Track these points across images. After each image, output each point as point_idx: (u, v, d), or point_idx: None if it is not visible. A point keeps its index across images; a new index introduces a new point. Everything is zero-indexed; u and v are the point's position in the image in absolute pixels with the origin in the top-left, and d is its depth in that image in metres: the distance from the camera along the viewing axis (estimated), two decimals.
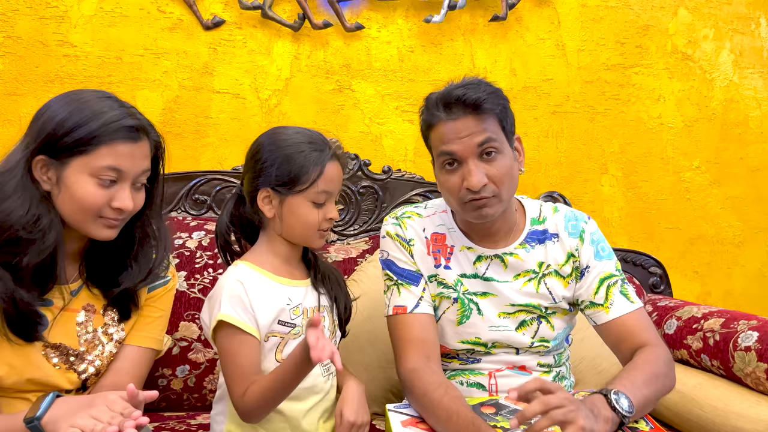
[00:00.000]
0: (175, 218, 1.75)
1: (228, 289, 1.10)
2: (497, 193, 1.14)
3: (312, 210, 1.12)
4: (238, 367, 1.08)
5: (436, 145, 1.17)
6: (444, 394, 1.05)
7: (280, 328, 1.12)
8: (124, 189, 0.99)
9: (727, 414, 1.34)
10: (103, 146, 0.97)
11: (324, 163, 1.12)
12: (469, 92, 1.13)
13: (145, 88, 1.99)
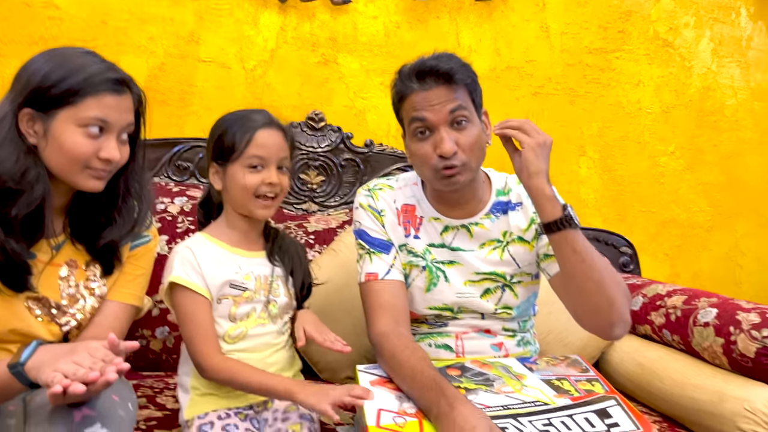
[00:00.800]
0: (158, 183, 1.77)
1: (179, 255, 1.19)
2: (466, 161, 1.19)
3: (248, 175, 1.18)
4: (197, 326, 1.15)
5: (407, 114, 1.21)
6: (411, 355, 1.10)
7: (232, 290, 1.19)
8: (111, 140, 1.01)
9: (684, 385, 1.41)
10: (89, 97, 0.99)
11: (254, 130, 1.18)
12: (441, 63, 1.17)
13: (129, 53, 1.99)
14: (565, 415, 1.02)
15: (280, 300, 1.23)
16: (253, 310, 1.20)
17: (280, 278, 1.25)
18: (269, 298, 1.21)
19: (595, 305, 1.14)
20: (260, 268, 1.24)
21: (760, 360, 1.30)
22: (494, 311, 1.27)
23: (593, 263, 1.13)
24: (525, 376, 1.15)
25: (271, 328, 1.22)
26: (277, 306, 1.22)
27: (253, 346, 1.20)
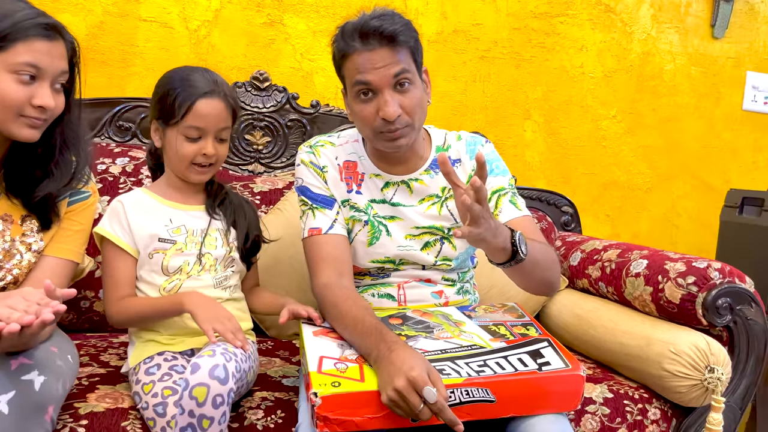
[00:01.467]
0: (99, 144, 1.73)
1: (110, 208, 1.24)
2: (410, 123, 1.20)
3: (184, 144, 1.20)
4: (110, 277, 1.21)
5: (350, 75, 1.20)
6: (352, 305, 1.13)
7: (161, 245, 1.21)
8: (44, 87, 1.00)
9: (615, 332, 1.48)
10: (19, 43, 0.97)
11: (193, 100, 1.18)
12: (385, 24, 1.16)
13: (66, 11, 1.92)
14: (500, 356, 1.07)
15: (216, 252, 1.24)
16: (186, 263, 1.22)
17: (218, 231, 1.26)
18: (201, 250, 1.22)
19: (536, 288, 1.25)
20: (195, 222, 1.25)
21: (684, 305, 1.37)
22: (434, 263, 1.31)
23: (536, 269, 1.17)
24: (464, 323, 1.19)
25: (206, 281, 1.23)
26: (212, 258, 1.23)
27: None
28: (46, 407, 0.95)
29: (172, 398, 1.07)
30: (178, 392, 1.03)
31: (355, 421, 0.97)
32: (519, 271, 1.15)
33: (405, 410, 0.93)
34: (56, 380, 0.96)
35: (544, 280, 1.21)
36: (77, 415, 1.10)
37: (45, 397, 0.94)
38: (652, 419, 1.36)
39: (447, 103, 2.26)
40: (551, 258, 1.23)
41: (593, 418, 1.32)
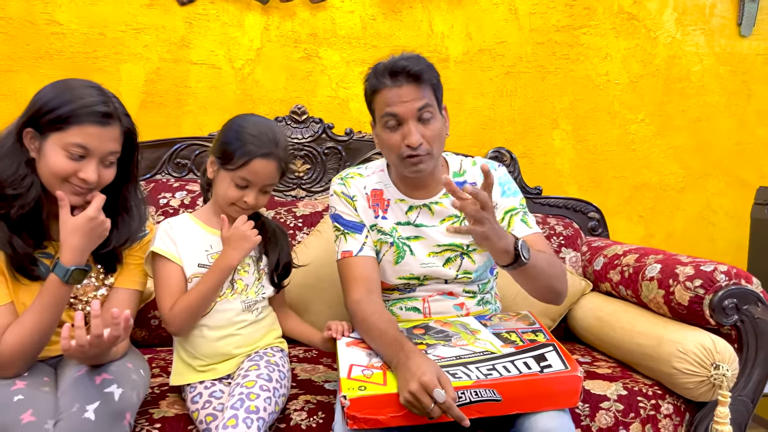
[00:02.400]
0: (159, 180, 1.96)
1: (160, 229, 1.37)
2: (430, 151, 1.36)
3: (231, 188, 1.34)
4: (165, 287, 1.33)
5: (380, 108, 1.38)
6: (378, 319, 1.29)
7: (200, 269, 1.35)
8: (91, 164, 1.17)
9: (632, 333, 1.59)
10: (74, 126, 1.15)
11: (252, 157, 1.31)
12: (411, 64, 1.34)
13: (128, 61, 2.17)
14: (508, 360, 1.20)
15: (247, 279, 1.39)
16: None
17: (251, 258, 1.41)
18: (234, 276, 1.37)
19: (543, 296, 1.39)
20: None
21: (693, 307, 1.47)
22: (455, 277, 1.45)
23: (541, 275, 1.32)
24: (479, 331, 1.34)
25: (236, 304, 1.37)
26: (243, 283, 1.39)
27: (216, 322, 1.35)
28: (124, 414, 1.15)
29: (213, 423, 1.24)
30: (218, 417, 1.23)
31: (379, 419, 1.13)
32: (523, 275, 1.30)
33: (419, 409, 1.09)
34: (132, 391, 1.17)
35: (550, 287, 1.35)
36: (152, 420, 1.31)
37: (123, 406, 1.14)
38: (665, 414, 1.46)
39: (476, 119, 2.39)
40: (557, 268, 1.36)
41: (607, 414, 1.43)
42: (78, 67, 2.13)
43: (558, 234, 2.05)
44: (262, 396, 1.24)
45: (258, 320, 1.42)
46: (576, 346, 1.83)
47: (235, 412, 1.19)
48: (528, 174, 2.39)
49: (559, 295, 1.38)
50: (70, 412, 1.10)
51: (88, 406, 1.10)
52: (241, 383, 1.28)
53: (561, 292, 1.37)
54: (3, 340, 1.15)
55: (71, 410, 1.10)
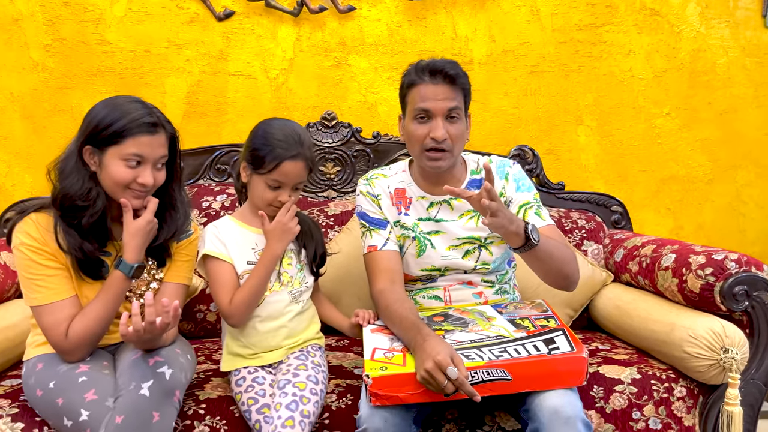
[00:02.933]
0: (202, 185, 2.11)
1: (208, 233, 1.50)
2: (451, 148, 1.47)
3: (266, 191, 1.46)
4: (221, 285, 1.45)
5: (413, 101, 1.49)
6: (399, 307, 1.40)
7: (249, 266, 1.47)
8: (147, 169, 1.32)
9: (647, 320, 1.65)
10: (129, 138, 1.30)
11: (281, 160, 1.42)
12: (450, 67, 1.47)
13: (171, 75, 2.34)
14: (519, 344, 1.30)
15: (291, 270, 1.52)
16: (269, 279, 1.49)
17: (292, 251, 1.54)
18: (280, 270, 1.50)
19: (554, 280, 1.48)
20: None
21: (704, 294, 1.53)
22: (474, 267, 1.55)
23: (552, 259, 1.42)
24: (495, 318, 1.43)
25: (284, 296, 1.50)
26: (288, 275, 1.52)
27: (268, 313, 1.48)
28: (174, 391, 1.29)
29: (254, 407, 1.37)
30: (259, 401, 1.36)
31: (399, 396, 1.24)
32: (534, 257, 1.39)
33: (434, 386, 1.19)
34: (180, 372, 1.31)
35: (561, 272, 1.44)
36: (198, 401, 1.45)
37: (173, 384, 1.29)
38: (678, 396, 1.52)
39: (501, 118, 2.47)
40: (568, 254, 1.44)
41: (621, 396, 1.50)
42: (126, 82, 2.31)
43: (580, 227, 2.12)
44: (312, 400, 1.37)
45: (303, 311, 1.54)
46: (597, 335, 1.90)
47: (291, 413, 1.32)
48: (554, 170, 2.46)
49: (568, 279, 1.46)
50: (128, 390, 1.24)
51: (144, 384, 1.25)
52: (293, 382, 1.39)
53: (570, 276, 1.46)
54: (70, 328, 1.31)
55: (129, 388, 1.25)
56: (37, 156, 2.29)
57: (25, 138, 2.31)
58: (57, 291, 1.33)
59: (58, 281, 1.33)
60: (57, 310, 1.32)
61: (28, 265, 1.32)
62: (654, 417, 1.50)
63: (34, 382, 1.33)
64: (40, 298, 1.32)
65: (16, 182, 2.32)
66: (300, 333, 1.54)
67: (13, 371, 1.61)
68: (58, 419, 1.27)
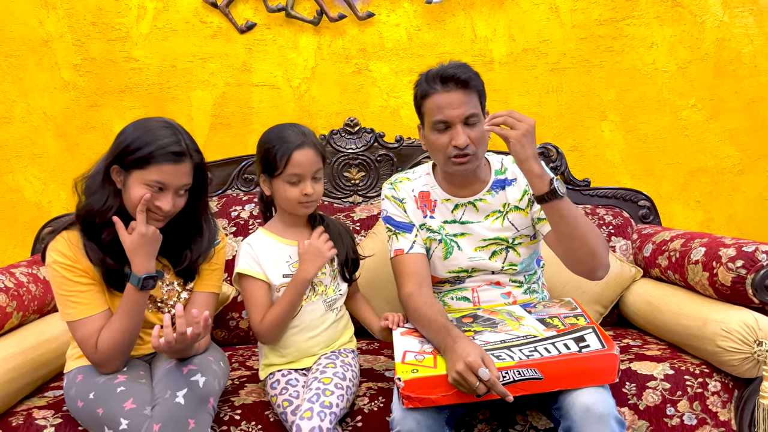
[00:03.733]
0: (230, 195, 2.16)
1: (242, 251, 1.52)
2: (475, 152, 1.48)
3: (289, 189, 1.48)
4: (254, 304, 1.49)
5: (430, 112, 1.49)
6: (428, 309, 1.41)
7: (285, 279, 1.50)
8: (167, 196, 1.35)
9: (679, 315, 1.64)
10: (153, 166, 1.33)
11: (290, 153, 1.45)
12: (461, 71, 1.46)
13: (197, 88, 2.39)
14: (549, 343, 1.30)
15: (325, 279, 1.54)
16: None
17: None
18: (314, 280, 1.51)
19: (581, 256, 1.43)
20: None
21: (736, 287, 1.51)
22: (502, 268, 1.56)
23: (577, 224, 1.39)
24: (524, 318, 1.44)
25: (320, 304, 1.52)
26: (323, 284, 1.54)
27: (305, 324, 1.51)
28: (208, 398, 1.32)
29: (289, 408, 1.40)
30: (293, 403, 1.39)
31: (431, 398, 1.25)
32: (559, 216, 1.37)
33: (466, 387, 1.20)
34: (213, 379, 1.34)
35: (587, 245, 1.39)
36: (233, 406, 1.49)
37: (207, 391, 1.32)
38: (712, 391, 1.50)
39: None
40: (595, 229, 1.43)
41: (654, 393, 1.49)
42: (154, 97, 2.37)
43: (607, 224, 2.11)
44: (336, 393, 1.39)
45: (338, 319, 1.57)
46: (629, 331, 1.89)
47: (311, 405, 1.34)
48: (578, 167, 2.45)
49: (595, 257, 1.40)
50: (164, 398, 1.28)
51: (179, 393, 1.28)
52: (319, 378, 1.42)
53: (597, 253, 1.40)
54: (99, 340, 1.36)
55: (164, 396, 1.28)
56: (71, 173, 2.36)
57: (59, 155, 2.38)
58: (89, 306, 1.37)
59: (91, 296, 1.38)
60: (89, 324, 1.36)
61: (62, 282, 1.37)
62: (689, 412, 1.49)
63: (75, 393, 1.38)
64: (73, 314, 1.37)
65: (51, 199, 2.39)
66: (334, 341, 1.57)
67: (55, 382, 1.67)
68: (99, 428, 1.31)
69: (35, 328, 1.70)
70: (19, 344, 1.59)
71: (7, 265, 1.82)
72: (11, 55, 2.34)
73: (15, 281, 1.70)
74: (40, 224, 2.27)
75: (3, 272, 1.71)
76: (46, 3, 2.33)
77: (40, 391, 1.62)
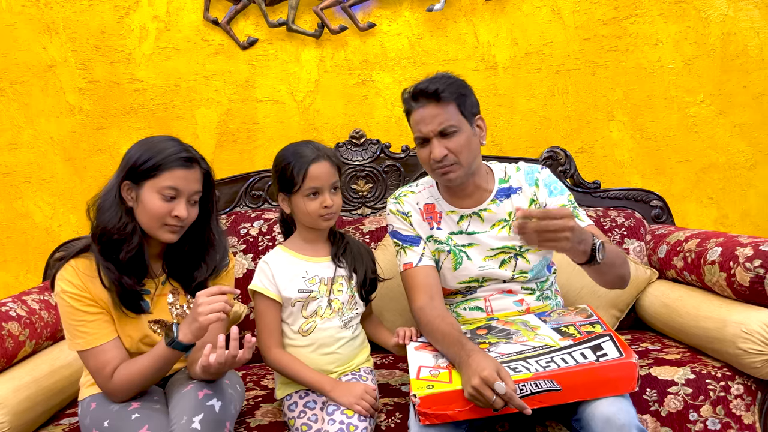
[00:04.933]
0: (238, 212, 2.15)
1: (259, 267, 1.53)
2: (456, 161, 1.47)
3: (309, 203, 1.48)
4: (264, 324, 1.51)
5: (413, 128, 1.52)
6: (441, 322, 1.39)
7: (300, 294, 1.50)
8: (181, 203, 1.35)
9: (697, 317, 1.61)
10: (165, 172, 1.34)
11: (306, 168, 1.45)
12: (431, 85, 1.45)
13: (201, 106, 2.39)
14: (566, 352, 1.28)
15: (342, 297, 1.53)
16: (320, 307, 1.52)
17: (344, 278, 1.55)
18: (330, 296, 1.52)
19: (610, 284, 1.46)
20: (325, 271, 1.54)
21: (754, 288, 1.48)
22: (512, 276, 1.54)
23: (612, 269, 1.39)
24: (539, 327, 1.41)
25: (336, 322, 1.52)
26: (339, 302, 1.53)
27: (321, 341, 1.50)
28: (224, 423, 1.31)
29: None
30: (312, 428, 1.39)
31: (448, 413, 1.23)
32: (596, 270, 1.36)
33: (483, 402, 1.18)
34: (229, 404, 1.33)
35: (617, 277, 1.43)
36: (249, 428, 1.47)
37: (223, 416, 1.30)
38: (735, 394, 1.47)
39: (530, 120, 2.45)
40: (622, 257, 1.44)
41: (676, 398, 1.46)
42: (159, 117, 2.37)
43: (620, 225, 2.08)
44: (359, 427, 1.37)
45: (354, 337, 1.56)
46: (646, 334, 1.86)
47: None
48: (588, 168, 2.42)
49: (624, 280, 1.46)
50: (180, 424, 1.26)
51: (195, 418, 1.26)
52: (341, 408, 1.40)
53: (625, 278, 1.46)
54: (117, 373, 1.35)
55: (180, 422, 1.27)
56: (79, 196, 2.37)
57: (67, 179, 2.39)
58: (97, 336, 1.36)
59: (99, 326, 1.37)
60: (100, 354, 1.35)
61: (70, 312, 1.36)
62: (712, 417, 1.45)
63: (90, 421, 1.37)
64: (82, 344, 1.36)
65: (62, 223, 2.40)
66: (350, 360, 1.55)
67: (70, 409, 1.67)
68: None
69: (48, 356, 1.70)
70: (32, 373, 1.59)
71: (19, 293, 1.83)
72: (16, 81, 2.35)
73: (27, 309, 1.70)
74: (51, 249, 2.28)
75: (15, 300, 1.71)
76: (48, 28, 2.34)
77: (56, 419, 1.62)
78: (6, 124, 2.36)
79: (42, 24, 2.34)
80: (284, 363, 1.48)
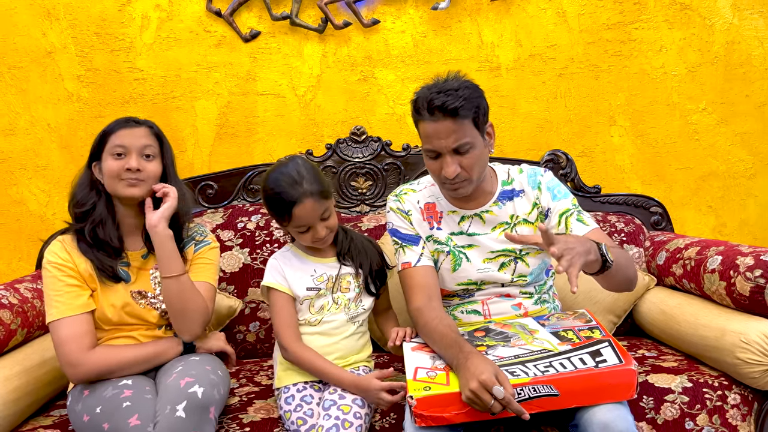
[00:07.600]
0: (236, 206, 2.13)
1: (269, 266, 1.57)
2: (467, 177, 1.43)
3: (301, 236, 1.51)
4: (282, 319, 1.52)
5: (421, 137, 1.45)
6: (438, 323, 1.38)
7: (309, 292, 1.53)
8: (131, 157, 1.45)
9: (696, 326, 1.60)
10: (111, 135, 1.47)
11: (289, 210, 1.44)
12: (449, 100, 1.34)
13: (201, 98, 2.37)
14: (564, 357, 1.27)
15: (349, 294, 1.55)
16: (326, 303, 1.54)
17: (350, 275, 1.56)
18: (336, 294, 1.54)
19: (618, 288, 1.45)
20: (331, 270, 1.56)
21: (755, 297, 1.47)
22: (511, 280, 1.52)
23: (620, 271, 1.37)
24: (537, 331, 1.40)
25: (341, 316, 1.54)
26: (345, 298, 1.54)
27: (326, 330, 1.53)
28: (208, 408, 1.31)
29: (303, 427, 1.40)
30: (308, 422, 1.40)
31: (444, 416, 1.22)
32: (606, 275, 1.35)
33: (480, 406, 1.17)
34: (212, 389, 1.33)
35: (625, 279, 1.42)
36: (242, 423, 1.46)
37: (206, 401, 1.31)
38: (732, 404, 1.47)
39: (532, 122, 2.44)
40: (628, 258, 1.43)
41: (672, 407, 1.45)
42: (158, 107, 2.35)
43: (619, 231, 2.08)
44: (354, 424, 1.37)
45: (357, 332, 1.56)
46: (643, 341, 1.85)
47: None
48: (588, 173, 2.41)
49: (631, 283, 1.45)
50: (164, 414, 1.28)
51: (178, 406, 1.28)
52: (338, 404, 1.40)
53: (633, 279, 1.45)
54: (94, 352, 1.40)
55: (165, 412, 1.28)
56: None
57: (63, 167, 2.36)
58: (71, 306, 1.42)
59: (74, 296, 1.43)
60: (69, 324, 1.40)
61: (52, 282, 1.43)
62: (708, 426, 1.45)
63: (82, 408, 1.37)
64: (55, 313, 1.41)
65: (56, 211, 2.37)
66: (351, 355, 1.55)
67: (60, 401, 1.65)
68: None
69: (40, 345, 1.68)
70: (23, 363, 1.57)
71: (11, 281, 1.80)
72: (14, 66, 2.32)
73: (19, 297, 1.68)
74: (45, 237, 2.24)
75: (7, 288, 1.69)
76: (49, 14, 2.31)
77: (46, 410, 1.60)
78: (3, 110, 2.34)
79: (42, 9, 2.31)
80: (306, 358, 1.48)
